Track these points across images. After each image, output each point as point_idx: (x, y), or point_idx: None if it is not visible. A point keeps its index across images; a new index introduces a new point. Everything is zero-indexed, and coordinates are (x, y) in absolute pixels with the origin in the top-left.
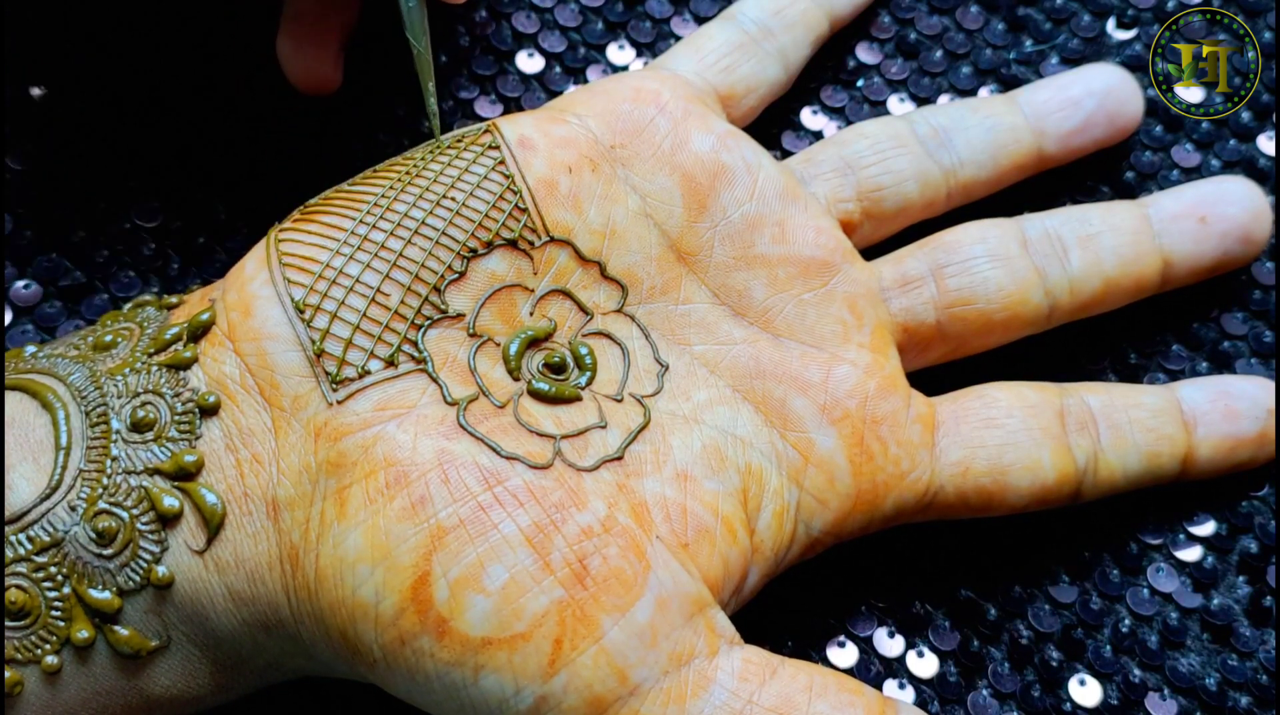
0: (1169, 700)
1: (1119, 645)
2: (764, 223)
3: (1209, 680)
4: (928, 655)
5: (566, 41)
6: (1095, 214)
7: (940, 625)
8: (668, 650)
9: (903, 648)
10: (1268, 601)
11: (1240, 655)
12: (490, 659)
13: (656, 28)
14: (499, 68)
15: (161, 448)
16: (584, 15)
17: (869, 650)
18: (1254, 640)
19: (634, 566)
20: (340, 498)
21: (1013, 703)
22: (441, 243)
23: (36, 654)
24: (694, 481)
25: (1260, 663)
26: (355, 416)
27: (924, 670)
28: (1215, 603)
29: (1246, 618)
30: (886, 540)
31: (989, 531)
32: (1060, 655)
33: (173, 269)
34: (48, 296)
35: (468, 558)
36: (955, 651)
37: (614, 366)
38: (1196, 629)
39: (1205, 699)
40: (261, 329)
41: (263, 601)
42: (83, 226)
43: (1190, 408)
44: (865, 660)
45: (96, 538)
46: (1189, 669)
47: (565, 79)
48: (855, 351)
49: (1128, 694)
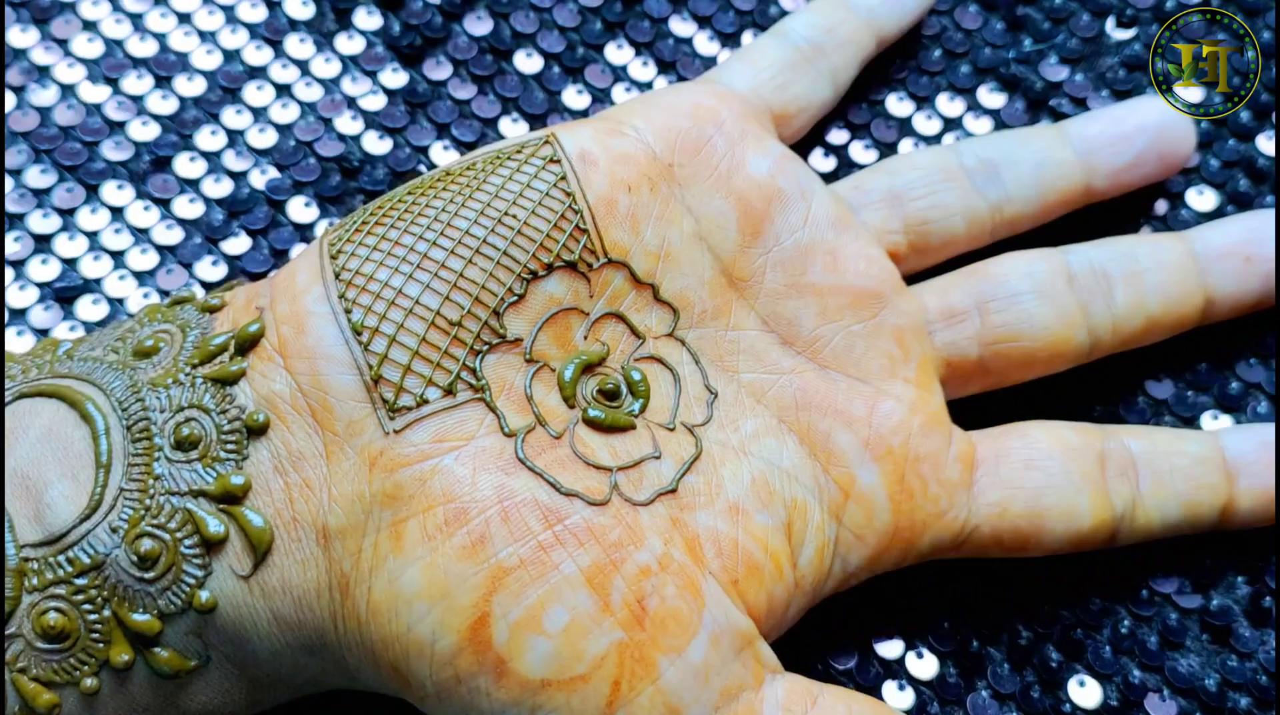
0: (1169, 701)
1: (1119, 646)
2: (816, 251)
3: (1209, 681)
4: (927, 656)
5: (565, 41)
6: (1142, 250)
7: (940, 626)
8: (719, 686)
9: (902, 649)
10: (1267, 602)
11: (1240, 656)
12: (548, 700)
13: (655, 27)
14: (497, 68)
15: (207, 469)
16: (582, 15)
17: (869, 653)
18: (1254, 641)
19: (690, 605)
20: (396, 531)
21: (1012, 704)
22: (502, 263)
23: (74, 676)
24: (745, 515)
25: (1260, 663)
26: (413, 447)
27: (923, 671)
28: (1215, 603)
29: (1246, 618)
30: None
31: None
32: (1060, 656)
33: (169, 269)
34: (42, 298)
35: (529, 599)
36: (955, 652)
37: (666, 392)
38: (1196, 629)
39: (1205, 700)
40: (316, 348)
41: (309, 627)
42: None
43: (1234, 457)
44: (865, 662)
45: (138, 561)
46: (1189, 670)
47: (564, 79)
48: (901, 386)
49: (1127, 695)
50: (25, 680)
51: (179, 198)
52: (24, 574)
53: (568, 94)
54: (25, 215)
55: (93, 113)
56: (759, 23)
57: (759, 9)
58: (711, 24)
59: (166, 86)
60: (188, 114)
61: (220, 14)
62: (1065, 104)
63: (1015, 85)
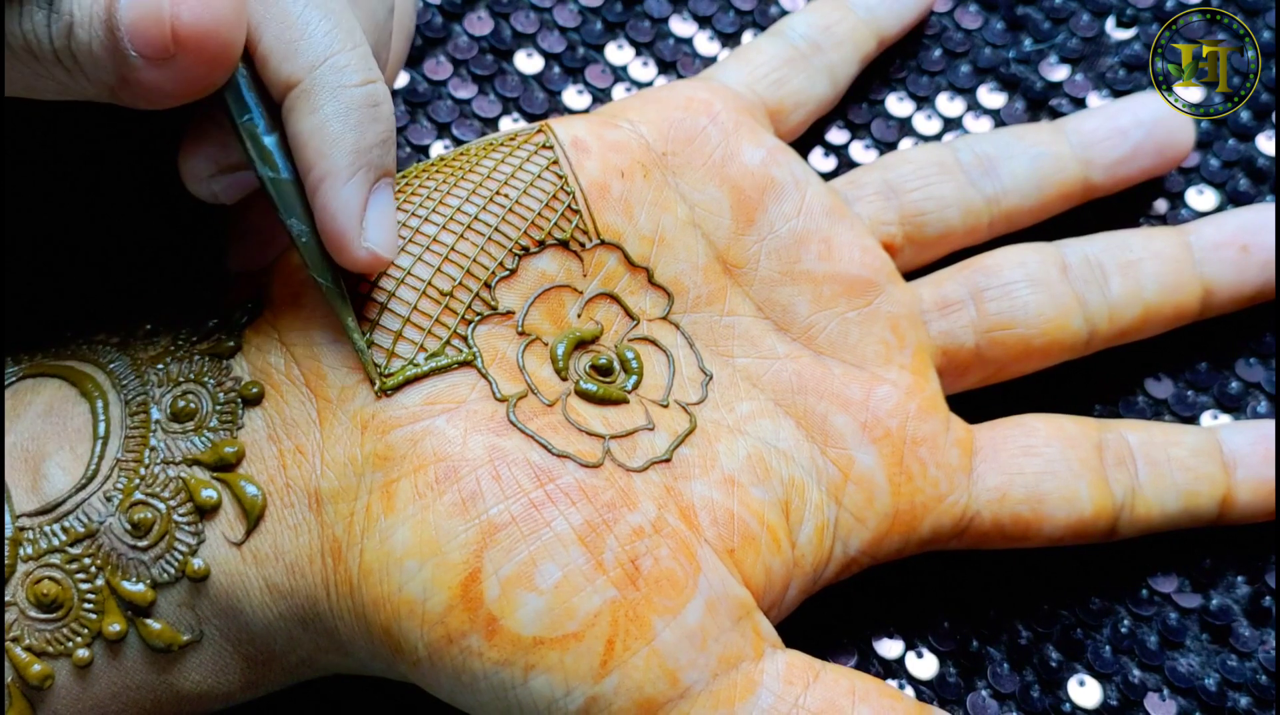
0: (1168, 701)
1: (1118, 645)
2: (810, 239)
3: (1208, 680)
4: (927, 656)
5: (565, 41)
6: (1136, 240)
7: (939, 625)
8: (717, 653)
9: (902, 649)
10: (1267, 601)
11: (1240, 655)
12: (541, 659)
13: (655, 27)
14: (498, 68)
15: (201, 438)
16: (583, 15)
17: (869, 652)
18: (1253, 640)
19: (685, 568)
20: (387, 492)
21: (1012, 703)
22: (494, 239)
23: (67, 647)
24: (741, 487)
25: (1260, 663)
26: (404, 410)
27: (923, 671)
28: (1214, 603)
29: (1246, 618)
30: None
31: None
32: (1060, 656)
33: None
34: None
35: (520, 555)
36: (954, 652)
37: (659, 372)
38: (1196, 629)
39: (1205, 699)
40: (310, 319)
41: (301, 595)
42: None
43: (1231, 450)
44: (865, 661)
45: (132, 529)
46: (1188, 669)
47: (564, 79)
48: (896, 372)
49: (1127, 694)
50: (18, 650)
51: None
52: (19, 542)
53: (568, 94)
54: None
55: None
56: (759, 23)
57: (759, 9)
58: (712, 24)
59: None
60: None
61: None
62: (1065, 104)
63: (1015, 85)
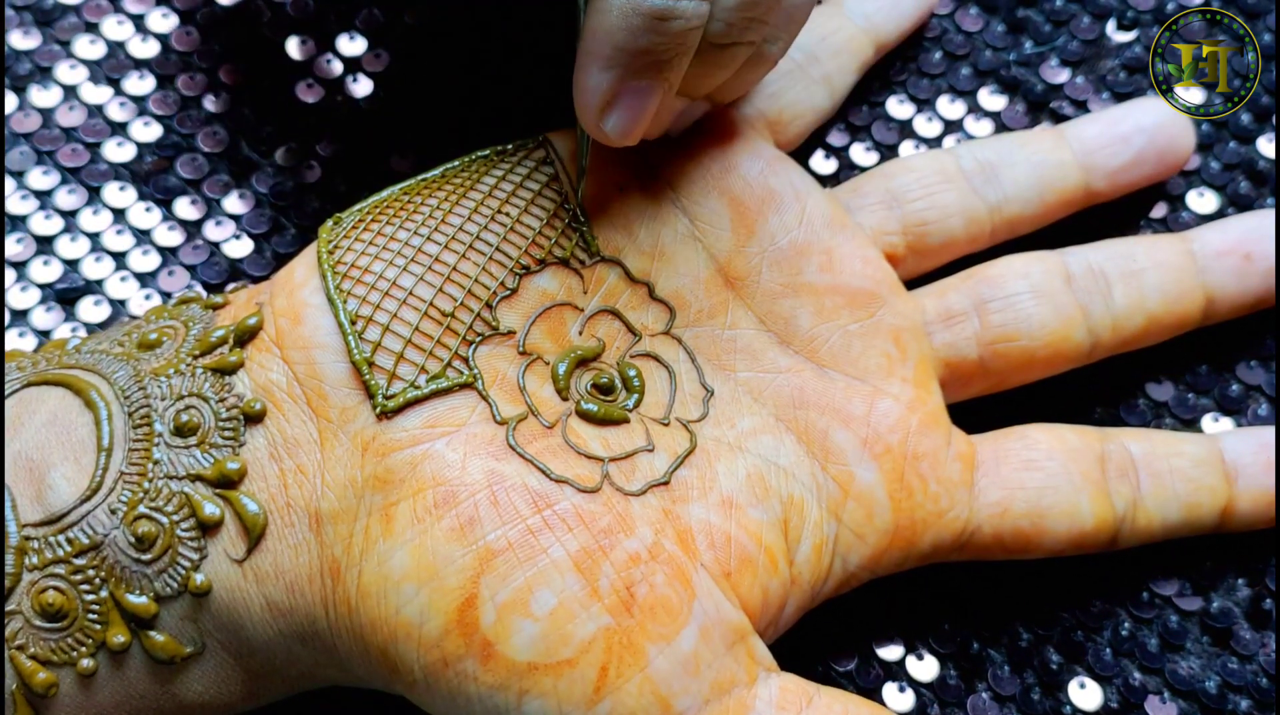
0: (1169, 703)
1: (1119, 648)
2: (811, 250)
3: (1209, 683)
4: (928, 658)
5: None
6: (1140, 249)
7: (940, 628)
8: (710, 679)
9: (902, 651)
10: (1268, 604)
11: (1240, 658)
12: (535, 684)
13: None
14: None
15: (204, 454)
16: None
17: (869, 655)
18: (1254, 643)
19: (679, 595)
20: (386, 514)
21: (1012, 705)
22: (495, 258)
23: (72, 656)
24: (739, 509)
25: (1260, 665)
26: (404, 432)
27: (924, 674)
28: (1215, 605)
29: (1246, 620)
30: None
31: None
32: (1060, 658)
33: (170, 271)
34: (44, 299)
35: (516, 581)
36: (955, 654)
37: (661, 389)
38: (1196, 631)
39: (1205, 702)
40: (312, 338)
41: (300, 614)
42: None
43: (1233, 459)
44: (865, 664)
45: (136, 542)
46: (1189, 672)
47: None
48: (899, 386)
49: (1127, 697)
50: (23, 658)
51: (180, 199)
52: (24, 552)
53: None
54: (27, 217)
55: (94, 114)
56: None
57: None
58: None
59: (169, 87)
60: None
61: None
62: (1066, 106)
63: (1016, 87)
